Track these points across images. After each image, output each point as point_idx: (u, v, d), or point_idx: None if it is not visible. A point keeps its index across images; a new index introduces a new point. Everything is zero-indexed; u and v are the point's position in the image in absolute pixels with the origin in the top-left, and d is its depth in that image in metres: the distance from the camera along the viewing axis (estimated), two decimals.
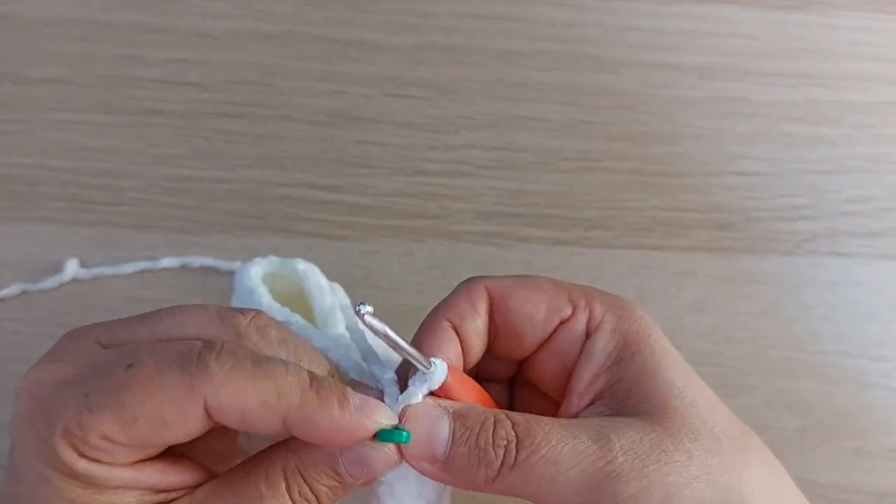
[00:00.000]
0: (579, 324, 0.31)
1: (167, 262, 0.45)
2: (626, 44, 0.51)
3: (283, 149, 0.49)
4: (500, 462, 0.27)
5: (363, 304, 0.26)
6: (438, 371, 0.29)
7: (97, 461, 0.26)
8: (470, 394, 0.30)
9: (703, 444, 0.28)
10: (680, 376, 0.30)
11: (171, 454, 0.27)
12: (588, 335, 0.31)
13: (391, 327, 0.27)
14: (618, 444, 0.27)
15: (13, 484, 0.27)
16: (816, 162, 0.50)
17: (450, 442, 0.28)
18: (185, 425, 0.25)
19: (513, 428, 0.28)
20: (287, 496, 0.28)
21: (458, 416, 0.28)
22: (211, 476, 0.29)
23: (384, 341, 0.27)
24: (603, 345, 0.31)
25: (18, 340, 0.46)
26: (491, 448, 0.27)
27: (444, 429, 0.28)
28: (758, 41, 0.52)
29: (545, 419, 0.28)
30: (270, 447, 0.29)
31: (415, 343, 0.30)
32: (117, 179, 0.48)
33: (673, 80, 0.51)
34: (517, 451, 0.27)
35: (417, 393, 0.28)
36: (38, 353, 0.45)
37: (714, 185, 0.49)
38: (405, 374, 0.30)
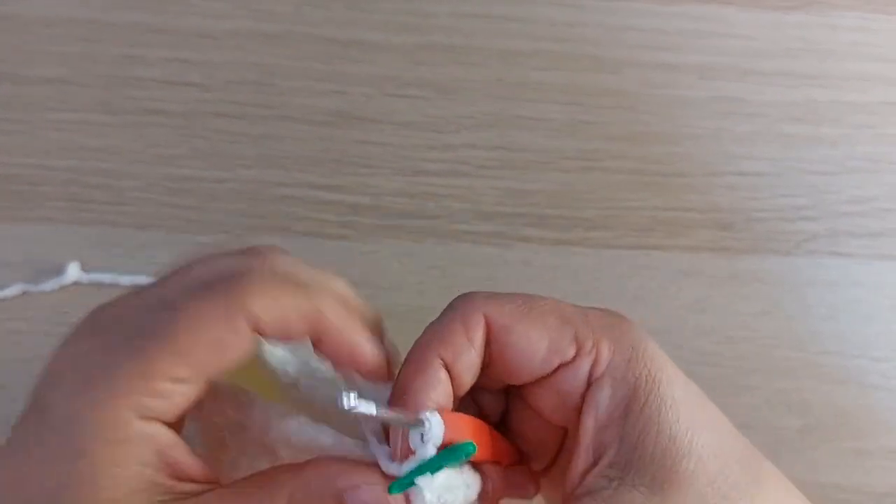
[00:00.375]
0: (582, 369, 0.29)
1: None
2: (626, 44, 0.51)
3: (284, 149, 0.49)
4: None
5: (346, 394, 0.25)
6: (435, 426, 0.27)
7: (155, 420, 0.26)
8: (464, 433, 0.29)
9: None
10: (688, 428, 0.28)
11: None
12: (590, 381, 0.29)
13: (376, 404, 0.26)
14: None
15: (51, 462, 0.27)
16: (817, 162, 0.50)
17: None
18: (239, 342, 0.27)
19: None
20: None
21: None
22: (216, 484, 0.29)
23: (374, 419, 0.27)
24: (609, 395, 0.29)
25: (18, 340, 0.46)
26: None
27: None
28: (757, 41, 0.52)
29: None
30: (281, 468, 0.29)
31: (402, 379, 0.29)
32: (118, 179, 0.48)
33: (673, 80, 0.51)
34: None
35: (428, 452, 0.27)
36: (38, 352, 0.45)
37: (714, 185, 0.49)
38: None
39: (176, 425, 0.28)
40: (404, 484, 0.27)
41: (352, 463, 0.29)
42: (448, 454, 0.27)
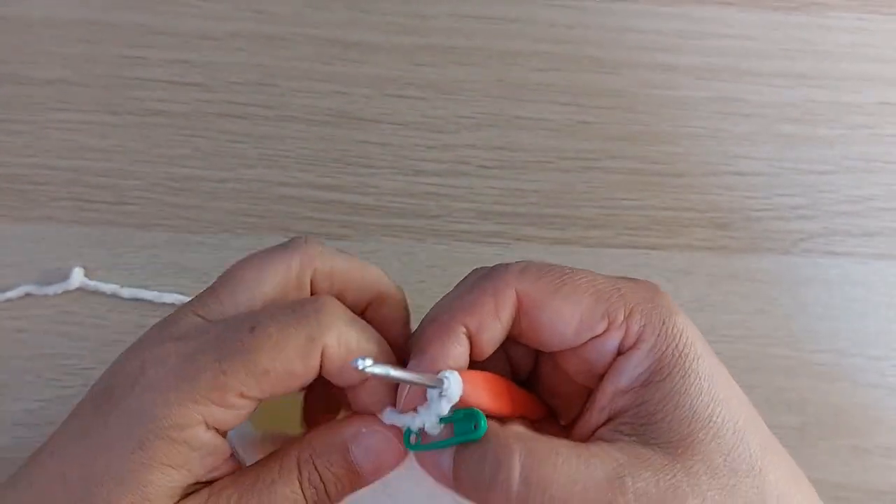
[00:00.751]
0: (611, 341, 0.29)
1: (169, 297, 0.46)
2: (625, 45, 0.52)
3: (285, 149, 0.49)
4: (501, 494, 0.27)
5: (359, 360, 0.26)
6: (453, 385, 0.28)
7: (215, 429, 0.28)
8: (481, 393, 0.29)
9: (721, 480, 0.27)
10: (710, 402, 0.28)
11: None
12: (620, 352, 0.30)
13: (392, 366, 0.27)
14: (631, 489, 0.26)
15: (109, 449, 0.28)
16: (814, 162, 0.50)
17: (451, 463, 0.28)
18: (308, 372, 0.28)
19: (520, 458, 0.27)
20: (297, 482, 0.29)
21: (458, 461, 0.28)
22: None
23: (388, 380, 0.28)
24: (634, 366, 0.29)
25: (21, 338, 0.46)
26: (491, 477, 0.27)
27: (446, 452, 0.28)
28: (755, 42, 0.52)
29: (560, 446, 0.27)
30: (286, 442, 0.30)
31: (422, 340, 0.30)
32: (120, 179, 0.48)
33: (671, 80, 0.51)
34: (521, 486, 0.26)
35: (443, 408, 0.28)
36: (40, 351, 0.45)
37: (712, 184, 0.50)
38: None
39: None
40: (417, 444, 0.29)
41: (352, 416, 0.30)
42: (460, 425, 0.28)
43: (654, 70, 0.51)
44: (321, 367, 0.28)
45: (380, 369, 0.26)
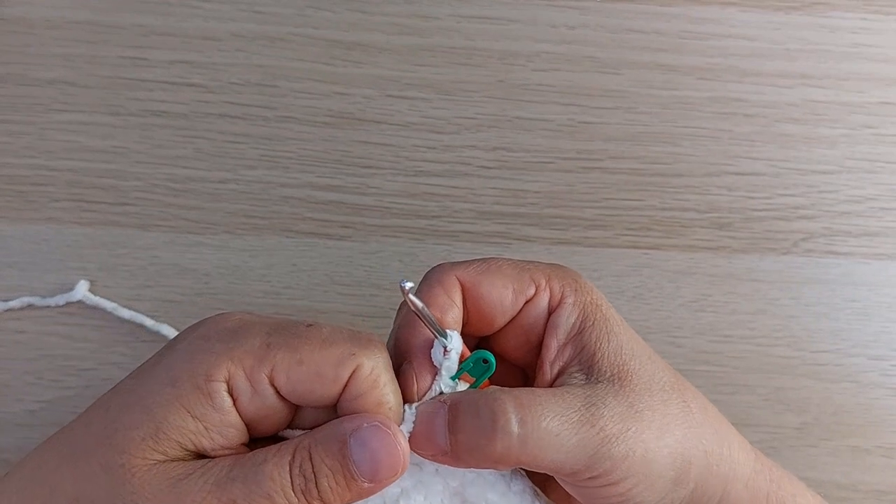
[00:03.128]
0: (542, 301, 0.34)
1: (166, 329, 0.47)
2: (625, 45, 0.52)
3: (286, 150, 0.49)
4: (502, 439, 0.30)
5: (405, 281, 0.30)
6: (456, 339, 0.32)
7: (237, 400, 0.30)
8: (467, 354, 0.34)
9: (658, 397, 0.33)
10: (627, 338, 0.34)
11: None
12: (550, 311, 0.34)
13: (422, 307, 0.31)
14: (606, 412, 0.31)
15: (149, 386, 0.30)
16: (815, 162, 0.50)
17: (447, 433, 0.31)
18: (332, 385, 0.30)
19: (510, 405, 0.30)
20: (287, 466, 0.29)
21: (452, 408, 0.31)
22: None
23: (415, 312, 0.31)
24: (566, 318, 0.34)
25: (22, 340, 0.46)
26: (488, 429, 0.30)
27: (440, 422, 0.31)
28: (756, 42, 0.52)
29: (538, 391, 0.31)
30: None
31: (404, 334, 0.34)
32: (121, 180, 0.49)
33: (672, 80, 0.51)
34: (519, 427, 0.30)
35: (454, 364, 0.32)
36: (41, 352, 0.45)
37: (713, 184, 0.50)
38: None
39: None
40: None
41: (360, 414, 0.31)
42: (471, 368, 0.33)
43: (655, 70, 0.51)
44: (344, 388, 0.30)
45: (416, 299, 0.30)
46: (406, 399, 0.32)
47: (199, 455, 0.30)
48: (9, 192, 0.48)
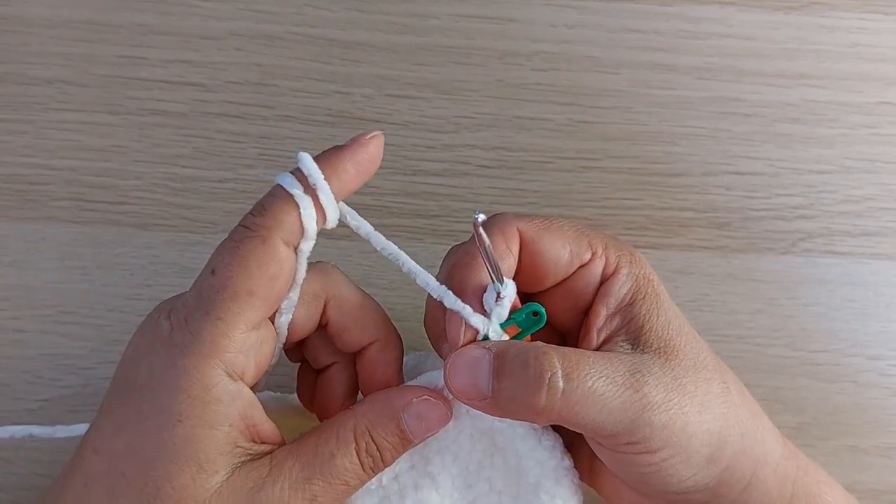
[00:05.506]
0: (597, 269, 0.35)
1: None
2: (624, 45, 0.52)
3: (284, 149, 0.49)
4: (545, 393, 0.30)
5: (479, 213, 0.30)
6: (510, 287, 0.33)
7: (240, 378, 0.31)
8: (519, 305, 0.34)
9: (702, 375, 0.33)
10: (677, 316, 0.34)
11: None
12: (604, 279, 0.35)
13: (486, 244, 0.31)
14: (650, 379, 0.31)
15: (153, 432, 0.30)
16: (813, 162, 0.50)
17: (491, 379, 0.31)
18: (280, 260, 0.31)
19: (558, 360, 0.31)
20: (355, 455, 0.31)
21: (498, 355, 0.31)
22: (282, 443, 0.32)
23: (481, 248, 0.31)
24: (619, 288, 0.34)
25: (20, 338, 0.46)
26: (534, 381, 0.31)
27: (484, 368, 0.31)
28: (755, 42, 0.52)
29: (585, 352, 0.32)
30: (340, 414, 0.33)
31: (456, 274, 0.34)
32: (120, 179, 0.49)
33: (671, 80, 0.51)
34: (565, 382, 0.30)
35: (504, 312, 0.33)
36: (40, 350, 0.45)
37: (711, 184, 0.50)
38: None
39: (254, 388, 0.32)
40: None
41: (403, 387, 0.34)
42: (522, 319, 0.33)
43: (654, 70, 0.51)
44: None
45: (486, 236, 0.31)
46: (451, 340, 0.33)
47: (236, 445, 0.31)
48: (7, 190, 0.48)
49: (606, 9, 0.52)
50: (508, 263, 0.34)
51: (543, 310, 0.33)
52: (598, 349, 0.34)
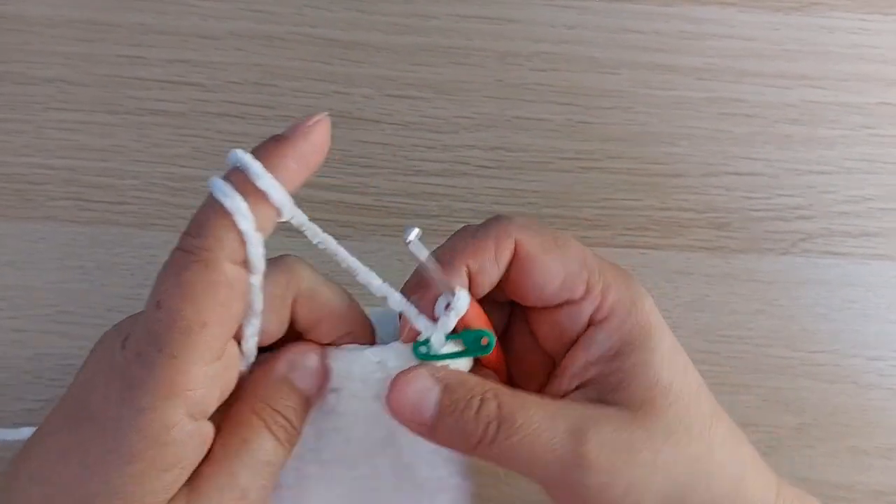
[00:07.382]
0: (584, 310, 0.33)
1: None
2: (624, 45, 0.52)
3: None
4: (480, 437, 0.30)
5: (411, 228, 0.29)
6: (462, 299, 0.31)
7: (202, 416, 0.28)
8: (484, 322, 0.33)
9: (673, 440, 0.30)
10: (670, 373, 0.31)
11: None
12: (592, 323, 0.33)
13: (429, 253, 0.30)
14: (594, 440, 0.29)
15: (98, 468, 0.27)
16: (813, 163, 0.50)
17: (436, 412, 0.30)
18: (228, 284, 0.28)
19: (497, 408, 0.30)
20: (267, 431, 0.30)
21: (447, 390, 0.30)
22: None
23: (420, 264, 0.30)
24: (604, 338, 0.32)
25: (20, 339, 0.46)
26: (474, 424, 0.30)
27: (432, 399, 0.30)
28: (755, 42, 0.52)
29: (531, 400, 0.30)
30: (231, 407, 0.31)
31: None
32: (119, 179, 0.48)
33: (671, 81, 0.51)
34: (498, 431, 0.29)
35: (450, 323, 0.31)
36: (40, 351, 0.45)
37: (711, 185, 0.50)
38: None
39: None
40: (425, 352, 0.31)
41: (275, 352, 0.32)
42: (469, 340, 0.32)
43: (654, 70, 0.51)
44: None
45: (419, 251, 0.29)
46: (401, 335, 0.32)
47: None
48: (6, 190, 0.48)
49: (606, 9, 0.52)
50: (489, 276, 0.32)
51: (493, 340, 0.32)
52: (564, 396, 0.32)
